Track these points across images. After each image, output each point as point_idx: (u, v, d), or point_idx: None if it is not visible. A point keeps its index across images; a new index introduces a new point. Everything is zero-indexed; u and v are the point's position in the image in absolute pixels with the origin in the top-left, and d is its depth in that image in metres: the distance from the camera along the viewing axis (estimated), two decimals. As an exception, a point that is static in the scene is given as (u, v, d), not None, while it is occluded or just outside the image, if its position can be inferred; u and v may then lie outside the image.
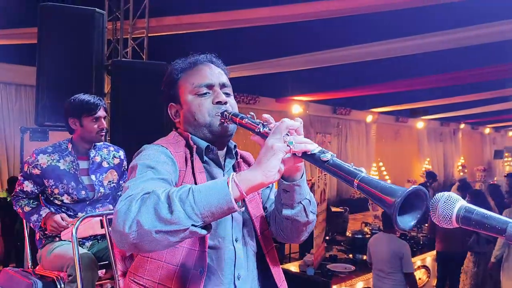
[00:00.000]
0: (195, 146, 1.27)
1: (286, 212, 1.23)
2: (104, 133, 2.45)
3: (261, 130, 1.12)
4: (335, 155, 0.98)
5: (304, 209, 1.23)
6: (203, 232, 0.96)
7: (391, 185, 0.83)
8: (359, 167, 0.94)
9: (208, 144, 1.28)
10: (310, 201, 1.25)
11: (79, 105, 2.42)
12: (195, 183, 1.20)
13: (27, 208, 2.43)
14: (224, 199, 0.95)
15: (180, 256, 1.18)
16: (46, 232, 2.43)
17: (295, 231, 1.28)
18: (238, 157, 1.38)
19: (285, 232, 1.30)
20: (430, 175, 9.06)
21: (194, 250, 1.18)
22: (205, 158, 1.29)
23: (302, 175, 1.19)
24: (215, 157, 1.31)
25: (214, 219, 0.96)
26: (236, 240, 1.26)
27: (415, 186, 0.81)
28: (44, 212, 2.39)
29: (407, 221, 0.81)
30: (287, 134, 1.03)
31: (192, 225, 0.93)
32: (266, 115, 1.15)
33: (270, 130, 1.09)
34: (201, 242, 1.18)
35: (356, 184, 0.89)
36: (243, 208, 1.01)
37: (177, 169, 1.21)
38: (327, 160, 0.97)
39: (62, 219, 2.35)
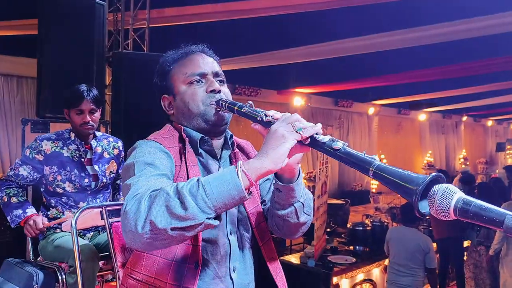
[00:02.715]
0: (187, 139, 1.26)
1: (278, 210, 1.23)
2: (89, 127, 2.42)
3: (263, 118, 1.09)
4: (347, 143, 0.96)
5: (296, 212, 1.21)
6: (216, 222, 0.96)
7: (409, 172, 0.82)
8: (371, 155, 0.92)
9: (202, 135, 1.27)
10: (303, 204, 1.23)
11: (67, 96, 2.44)
12: (188, 177, 1.19)
13: (14, 199, 2.36)
14: (235, 190, 0.94)
15: (175, 250, 1.17)
16: (52, 226, 2.43)
17: (287, 229, 1.28)
18: (235, 147, 1.36)
19: (278, 227, 1.29)
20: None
21: (188, 245, 1.18)
22: (200, 150, 1.27)
23: (298, 177, 1.17)
24: (210, 149, 1.29)
25: (227, 209, 0.96)
26: (230, 233, 1.25)
27: (435, 173, 0.80)
28: (30, 211, 2.35)
29: (426, 206, 0.80)
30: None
31: (207, 218, 0.93)
32: (271, 111, 1.12)
33: (273, 119, 1.07)
34: (194, 237, 1.16)
35: (372, 172, 0.87)
36: (251, 196, 1.00)
37: (173, 164, 1.20)
38: (339, 149, 0.94)
39: (41, 223, 2.33)
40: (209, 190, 0.93)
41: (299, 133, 0.99)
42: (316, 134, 1.00)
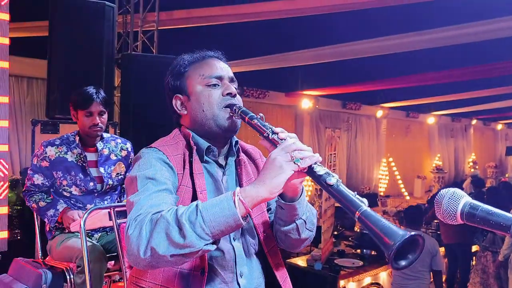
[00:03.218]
0: (195, 147, 1.27)
1: (280, 226, 1.25)
2: (98, 129, 2.44)
3: (269, 136, 1.11)
4: (341, 180, 0.99)
5: (297, 228, 1.23)
6: (213, 247, 1.01)
7: (391, 226, 0.85)
8: (362, 198, 0.95)
9: (209, 144, 1.28)
10: (305, 221, 1.24)
11: (76, 98, 2.46)
12: (193, 185, 1.22)
13: (42, 203, 2.42)
14: (232, 218, 0.98)
15: None
16: (61, 227, 2.45)
17: (289, 243, 1.30)
18: (240, 153, 1.37)
19: (281, 241, 1.31)
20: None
21: None
22: (205, 158, 1.28)
23: (300, 196, 1.19)
24: (215, 159, 1.31)
25: (224, 235, 1.01)
26: (234, 239, 1.25)
27: (414, 233, 0.82)
28: (61, 207, 2.40)
29: (400, 260, 0.84)
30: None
31: (204, 244, 0.98)
32: (279, 128, 1.14)
33: (279, 139, 1.09)
34: None
35: (357, 216, 0.90)
36: (248, 220, 1.04)
37: (175, 173, 1.22)
38: (332, 185, 0.97)
39: (79, 215, 2.37)
40: (206, 217, 0.97)
41: (297, 164, 1.02)
42: (315, 163, 1.03)
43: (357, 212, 0.90)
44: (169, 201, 1.10)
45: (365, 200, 0.93)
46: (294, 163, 1.01)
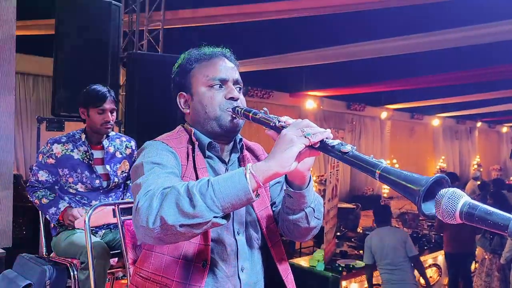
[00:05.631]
0: (197, 142, 1.28)
1: (288, 215, 1.25)
2: (109, 126, 2.46)
3: (276, 124, 1.11)
4: (355, 147, 0.98)
5: (306, 216, 1.23)
6: (224, 222, 0.99)
7: (414, 174, 0.84)
8: (378, 159, 0.94)
9: (210, 140, 1.29)
10: (314, 209, 1.24)
11: (87, 95, 2.46)
12: (197, 178, 1.22)
13: (44, 200, 2.44)
14: (243, 190, 0.97)
15: (182, 249, 1.19)
16: (62, 225, 2.47)
17: (298, 233, 1.30)
18: (244, 150, 1.38)
19: (289, 231, 1.31)
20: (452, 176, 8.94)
21: (197, 244, 1.19)
22: (208, 153, 1.30)
23: (308, 184, 1.19)
24: (217, 154, 1.31)
25: (234, 209, 0.99)
26: (238, 233, 1.26)
27: (438, 174, 0.82)
28: (62, 205, 2.41)
29: (430, 208, 0.81)
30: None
31: (214, 216, 0.96)
32: (285, 117, 1.14)
33: (286, 124, 1.09)
34: (203, 236, 1.19)
35: (378, 174, 0.89)
36: (259, 197, 1.03)
37: (180, 163, 1.23)
38: (347, 152, 0.96)
39: (80, 214, 2.39)
40: (217, 189, 0.97)
41: (308, 138, 1.01)
42: (326, 138, 1.02)
43: (377, 171, 0.89)
44: (177, 182, 1.08)
45: (383, 160, 0.91)
46: (305, 137, 1.01)
